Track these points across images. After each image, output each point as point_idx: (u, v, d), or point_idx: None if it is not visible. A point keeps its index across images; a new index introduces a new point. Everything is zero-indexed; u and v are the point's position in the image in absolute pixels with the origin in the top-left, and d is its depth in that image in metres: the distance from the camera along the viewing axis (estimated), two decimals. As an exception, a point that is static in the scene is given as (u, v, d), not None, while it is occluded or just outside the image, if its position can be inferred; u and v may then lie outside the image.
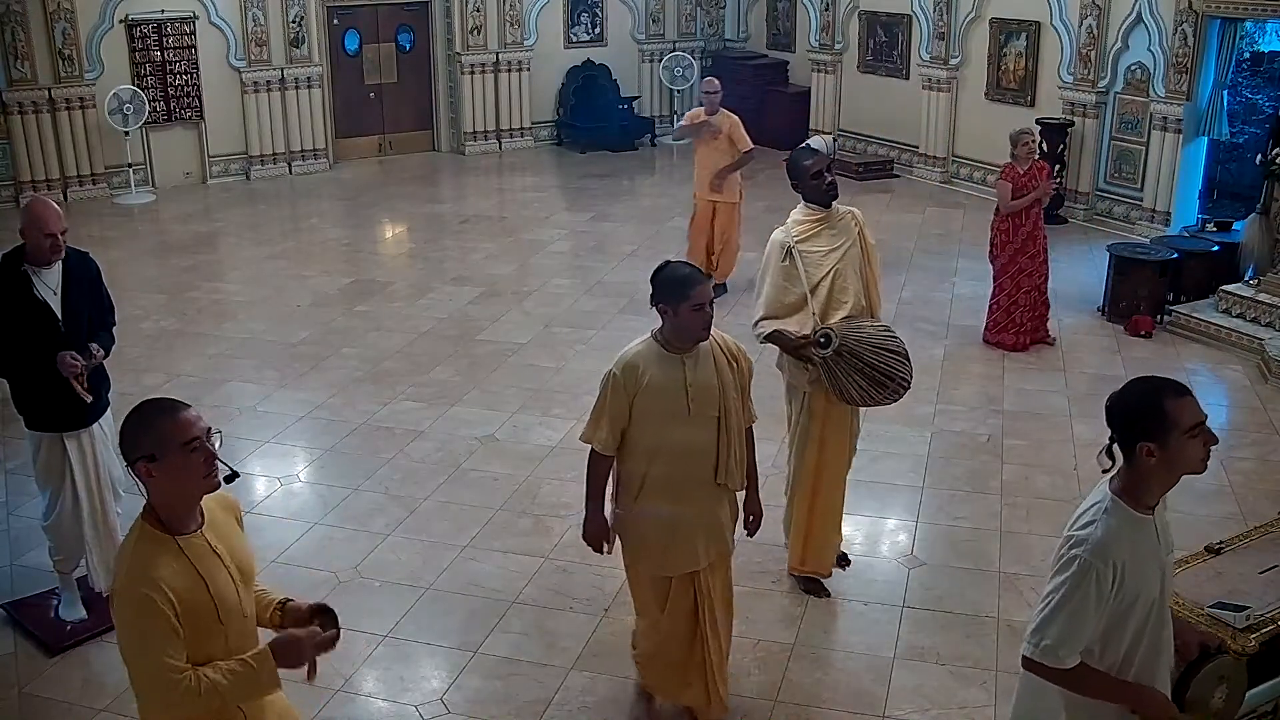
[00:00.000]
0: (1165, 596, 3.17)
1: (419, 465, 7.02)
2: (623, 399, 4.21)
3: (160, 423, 2.89)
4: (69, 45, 12.94)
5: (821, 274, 5.24)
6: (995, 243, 8.84)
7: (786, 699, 4.93)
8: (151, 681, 2.85)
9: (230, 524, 3.14)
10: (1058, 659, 3.05)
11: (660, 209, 13.29)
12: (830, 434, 5.45)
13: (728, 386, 4.28)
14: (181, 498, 2.94)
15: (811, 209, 5.36)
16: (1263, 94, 11.86)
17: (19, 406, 5.26)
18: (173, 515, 2.94)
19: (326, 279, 10.69)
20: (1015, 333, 8.81)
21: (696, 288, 4.13)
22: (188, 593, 2.86)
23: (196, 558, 2.92)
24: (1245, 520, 5.99)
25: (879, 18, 14.74)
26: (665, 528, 4.31)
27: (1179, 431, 2.98)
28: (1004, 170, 8.77)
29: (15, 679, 5.05)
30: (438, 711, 4.86)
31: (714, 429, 4.27)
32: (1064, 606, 3.03)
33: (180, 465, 2.87)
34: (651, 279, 4.25)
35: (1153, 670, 3.16)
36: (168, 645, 2.81)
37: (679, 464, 4.25)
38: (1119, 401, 3.10)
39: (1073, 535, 3.08)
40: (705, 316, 4.16)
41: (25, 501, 6.41)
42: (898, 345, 5.13)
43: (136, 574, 2.85)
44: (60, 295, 5.07)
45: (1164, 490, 3.11)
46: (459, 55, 15.44)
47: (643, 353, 4.26)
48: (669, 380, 4.21)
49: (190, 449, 2.88)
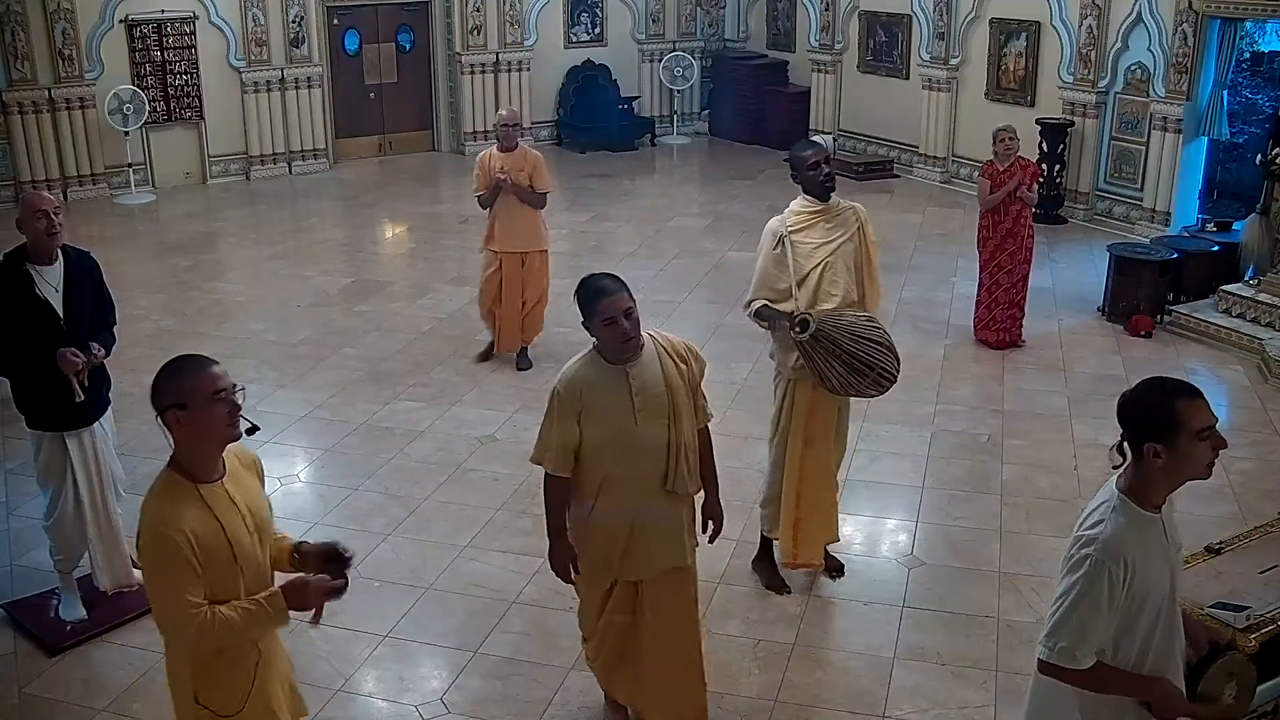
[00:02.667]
0: (1175, 594, 3.17)
1: (419, 465, 7.02)
2: (570, 416, 4.11)
3: (192, 374, 3.16)
4: (69, 45, 12.95)
5: (811, 265, 5.27)
6: (979, 239, 8.86)
7: (786, 699, 4.93)
8: (171, 616, 3.12)
9: (249, 477, 3.38)
10: (1074, 660, 3.04)
11: (660, 209, 13.30)
12: (816, 425, 5.47)
13: (676, 391, 4.18)
14: (206, 446, 3.18)
15: (809, 201, 5.39)
16: (1263, 94, 11.87)
17: (20, 406, 5.26)
18: (196, 464, 3.18)
19: (326, 279, 10.69)
20: (996, 330, 8.83)
21: (604, 300, 4.04)
22: (207, 537, 3.11)
23: (216, 505, 3.17)
24: (1245, 520, 5.99)
25: (879, 18, 14.74)
26: (619, 535, 4.23)
27: (1187, 434, 2.97)
28: (984, 167, 8.78)
29: (15, 679, 5.05)
30: (438, 711, 4.86)
31: (664, 435, 4.16)
32: (1077, 607, 3.01)
33: (207, 414, 3.12)
34: (574, 295, 4.17)
35: (1165, 667, 3.16)
36: (187, 583, 3.06)
37: (631, 474, 4.15)
38: (1130, 400, 3.09)
39: (1082, 535, 3.07)
40: (619, 329, 4.04)
41: (25, 501, 6.41)
42: (880, 336, 5.13)
43: (161, 517, 3.09)
44: (62, 294, 5.08)
45: (1168, 491, 3.11)
46: (459, 55, 15.44)
47: (584, 367, 4.17)
48: (613, 392, 4.11)
49: (217, 399, 3.13)
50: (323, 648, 5.22)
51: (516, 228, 8.15)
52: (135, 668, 5.07)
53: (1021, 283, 8.77)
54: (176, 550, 3.04)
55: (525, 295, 8.31)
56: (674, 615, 4.42)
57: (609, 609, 4.42)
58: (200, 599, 3.08)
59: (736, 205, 13.06)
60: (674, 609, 4.41)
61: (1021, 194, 8.51)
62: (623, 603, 4.39)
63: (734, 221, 12.22)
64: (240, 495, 3.25)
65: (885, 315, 9.38)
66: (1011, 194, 8.49)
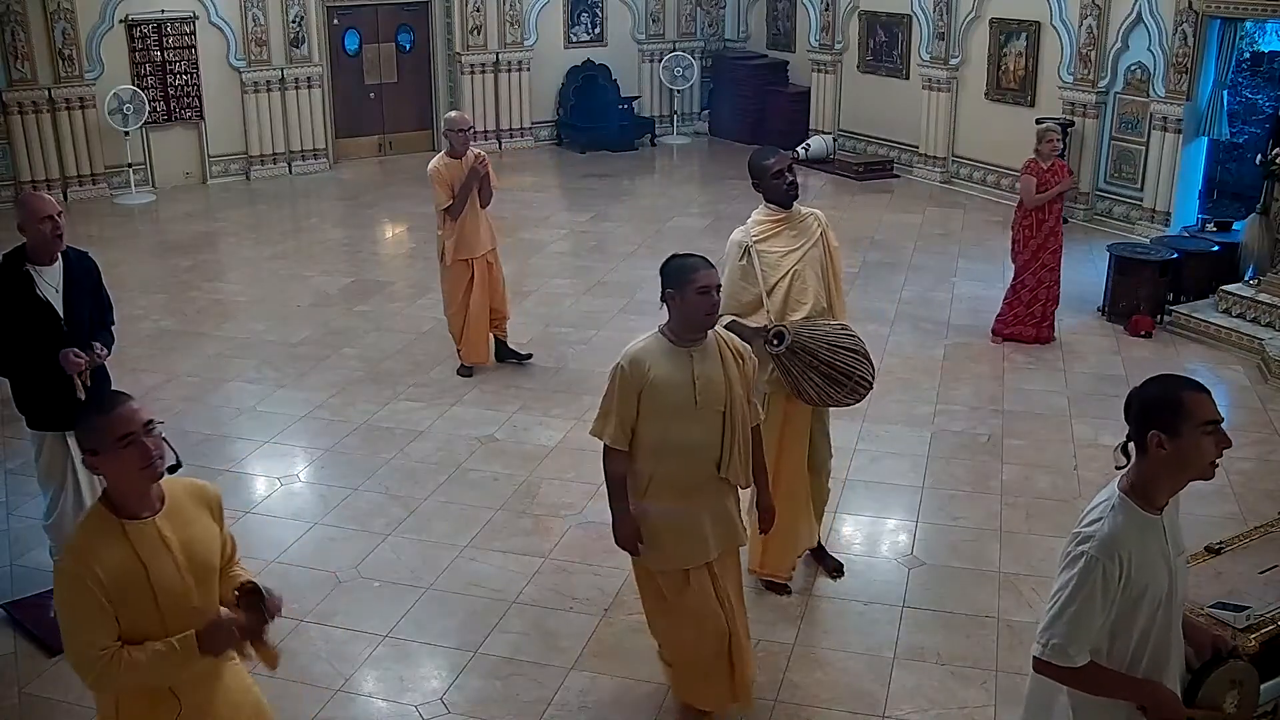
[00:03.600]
0: (1175, 598, 3.16)
1: (419, 465, 7.02)
2: (631, 392, 4.23)
3: (97, 420, 3.07)
4: (69, 45, 12.95)
5: (779, 275, 5.25)
6: (1018, 239, 8.88)
7: (786, 699, 4.93)
8: (75, 654, 3.04)
9: (197, 513, 3.23)
10: (1068, 658, 3.04)
11: (660, 209, 13.30)
12: (790, 438, 5.42)
13: (734, 382, 4.31)
14: (125, 487, 3.09)
15: (772, 209, 5.36)
16: (1263, 94, 11.87)
17: (20, 406, 5.26)
18: (122, 501, 3.10)
19: (326, 279, 10.69)
20: (1035, 325, 8.90)
21: (700, 271, 4.19)
22: (124, 576, 3.01)
23: (140, 544, 3.06)
24: (1245, 520, 5.99)
25: (879, 18, 14.74)
26: (674, 521, 4.34)
27: (1192, 424, 2.98)
28: (1027, 165, 8.80)
29: (15, 679, 5.05)
30: (438, 711, 4.86)
31: (719, 423, 4.29)
32: (1071, 604, 3.02)
33: (117, 459, 3.04)
34: (661, 270, 4.29)
35: (1160, 671, 3.15)
36: (94, 625, 2.98)
37: (686, 458, 4.28)
38: (1138, 394, 3.12)
39: (1080, 531, 3.08)
40: (711, 301, 4.20)
41: (25, 501, 6.41)
42: (856, 344, 5.12)
43: (75, 553, 3.04)
44: (62, 294, 5.08)
45: (1173, 490, 3.11)
46: (459, 55, 15.44)
47: (650, 347, 4.29)
48: (676, 374, 4.23)
49: (125, 444, 3.02)
50: (323, 648, 5.23)
51: (481, 228, 8.09)
52: (135, 668, 5.07)
53: (1059, 278, 8.91)
54: (85, 591, 2.96)
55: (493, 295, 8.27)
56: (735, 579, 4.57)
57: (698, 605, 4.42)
58: (107, 639, 2.98)
59: (736, 205, 13.01)
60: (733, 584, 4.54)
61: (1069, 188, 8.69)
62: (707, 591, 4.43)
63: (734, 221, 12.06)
64: (175, 534, 3.12)
65: (885, 315, 9.47)
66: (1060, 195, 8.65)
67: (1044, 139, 8.74)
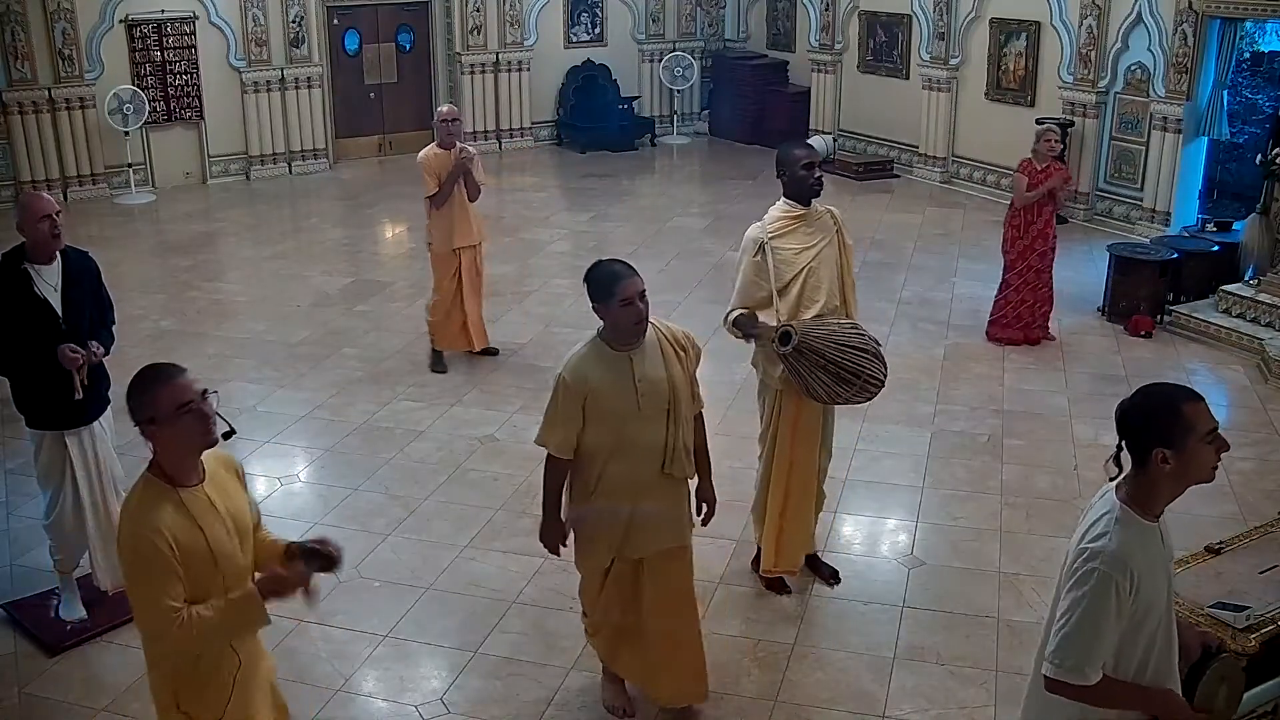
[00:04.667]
0: (1171, 601, 3.15)
1: (419, 465, 7.02)
2: (574, 402, 4.24)
3: (156, 389, 3.16)
4: (69, 45, 12.95)
5: (794, 272, 5.24)
6: (1007, 238, 8.87)
7: (786, 699, 4.93)
8: (151, 617, 3.12)
9: (230, 480, 3.39)
10: (1083, 676, 2.98)
11: (660, 209, 13.30)
12: (802, 435, 5.44)
13: (676, 378, 4.33)
14: (181, 455, 3.20)
15: (790, 205, 5.34)
16: (1263, 94, 11.87)
17: (19, 405, 5.26)
18: (175, 470, 3.20)
19: (326, 279, 10.69)
20: (1023, 328, 8.86)
21: (622, 282, 4.18)
22: (186, 539, 3.12)
23: (195, 509, 3.18)
24: (1245, 520, 5.99)
25: (879, 18, 14.74)
26: (621, 516, 4.38)
27: (1195, 437, 2.94)
28: (1021, 164, 8.79)
29: (15, 679, 5.05)
30: (438, 711, 4.86)
31: (663, 421, 4.32)
32: (1084, 622, 2.96)
33: (177, 427, 3.14)
34: (584, 279, 4.30)
35: (1165, 676, 3.13)
36: (167, 585, 3.07)
37: (631, 459, 4.31)
38: (1133, 408, 3.05)
39: (1086, 548, 3.00)
40: (635, 311, 4.19)
41: (25, 501, 6.41)
42: (865, 343, 5.10)
43: (141, 520, 3.11)
44: (60, 293, 5.08)
45: (1173, 498, 3.07)
46: (459, 55, 15.45)
47: (589, 354, 4.30)
48: (617, 380, 4.25)
49: (184, 412, 3.13)
50: (323, 648, 5.23)
51: (470, 219, 8.23)
52: (135, 668, 5.04)
53: (1050, 280, 8.87)
54: (156, 552, 3.05)
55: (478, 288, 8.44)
56: (673, 592, 4.57)
57: (609, 583, 4.56)
58: (180, 601, 3.08)
59: (736, 205, 13.04)
60: (673, 586, 4.57)
61: (1059, 193, 8.62)
62: (623, 578, 4.55)
63: (734, 221, 12.19)
64: (220, 499, 3.26)
65: (885, 315, 9.46)
66: (1049, 193, 8.58)
67: (1041, 138, 8.72)
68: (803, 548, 5.65)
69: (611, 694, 4.86)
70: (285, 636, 5.09)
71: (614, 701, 4.85)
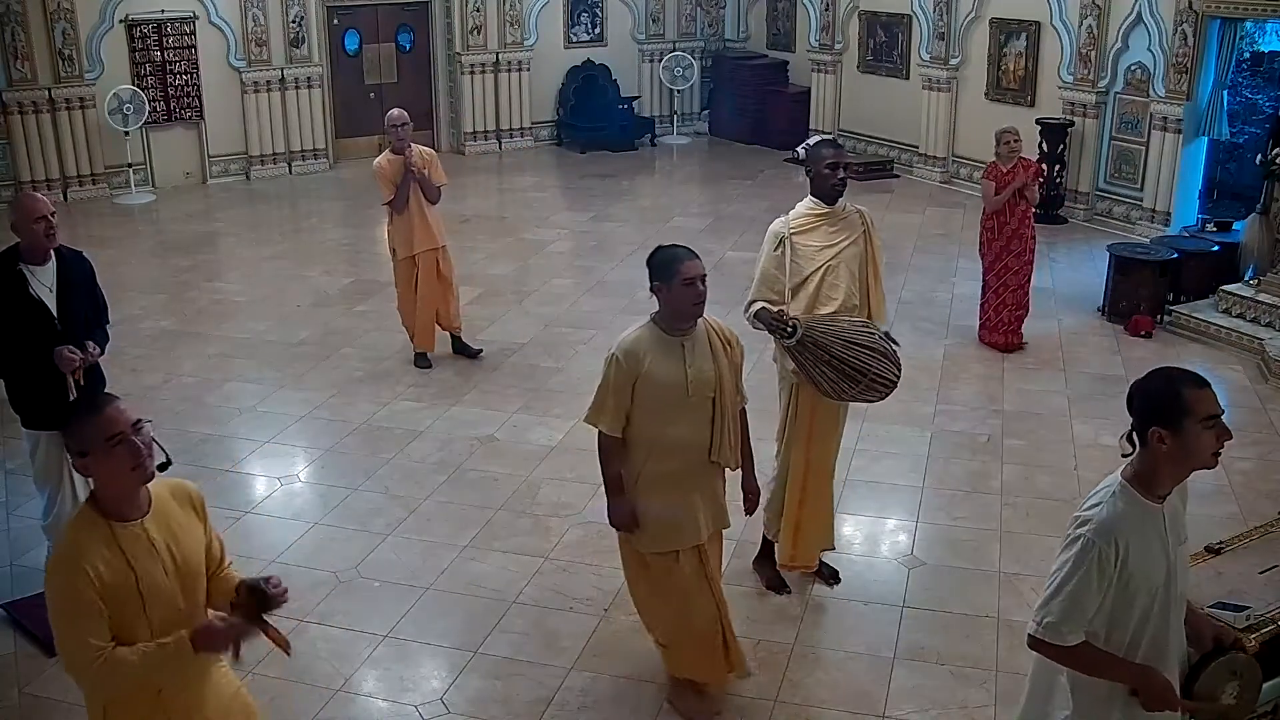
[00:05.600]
0: (1174, 589, 3.18)
1: (419, 465, 7.02)
2: (625, 383, 4.35)
3: (86, 419, 3.05)
4: (69, 45, 12.95)
5: (813, 268, 5.27)
6: (982, 241, 8.85)
7: (786, 699, 4.93)
8: (71, 654, 3.02)
9: (184, 515, 3.22)
10: (1060, 636, 3.10)
11: (660, 209, 13.30)
12: (819, 429, 5.48)
13: (723, 369, 4.44)
14: (117, 488, 3.07)
15: (815, 203, 5.36)
16: (1263, 94, 11.87)
17: (15, 406, 5.27)
18: (113, 504, 3.08)
19: (326, 279, 10.69)
20: (1004, 333, 8.81)
21: (685, 263, 4.29)
22: (113, 578, 3.00)
23: (130, 546, 3.05)
24: (1245, 520, 5.98)
25: (879, 18, 14.74)
26: (668, 506, 4.45)
27: (1193, 419, 3.01)
28: (987, 169, 8.76)
29: (15, 679, 5.05)
30: (438, 711, 4.86)
31: (710, 411, 4.42)
32: (1067, 584, 3.08)
33: (109, 459, 3.02)
34: (647, 263, 4.41)
35: (1159, 660, 3.18)
36: (89, 623, 2.97)
37: (678, 446, 4.40)
38: (1139, 387, 3.15)
39: (1079, 515, 3.14)
40: (697, 291, 4.29)
41: (25, 501, 6.41)
42: (874, 342, 5.10)
43: (66, 554, 3.02)
44: (55, 294, 5.08)
45: (1175, 481, 3.15)
46: (459, 55, 15.44)
47: (643, 336, 4.40)
48: (669, 363, 4.35)
49: (115, 443, 3.01)
50: (323, 648, 5.23)
51: (429, 225, 8.22)
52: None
53: (1027, 283, 8.77)
54: (78, 591, 2.94)
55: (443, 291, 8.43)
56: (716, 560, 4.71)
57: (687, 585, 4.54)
58: (103, 640, 2.97)
59: (736, 205, 13.06)
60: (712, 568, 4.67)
61: (1027, 192, 8.49)
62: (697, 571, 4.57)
63: (734, 221, 12.23)
64: (162, 535, 3.12)
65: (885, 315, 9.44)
66: (1017, 193, 8.47)
67: (1000, 140, 8.58)
68: (819, 543, 5.68)
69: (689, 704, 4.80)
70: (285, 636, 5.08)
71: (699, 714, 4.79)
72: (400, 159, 8.02)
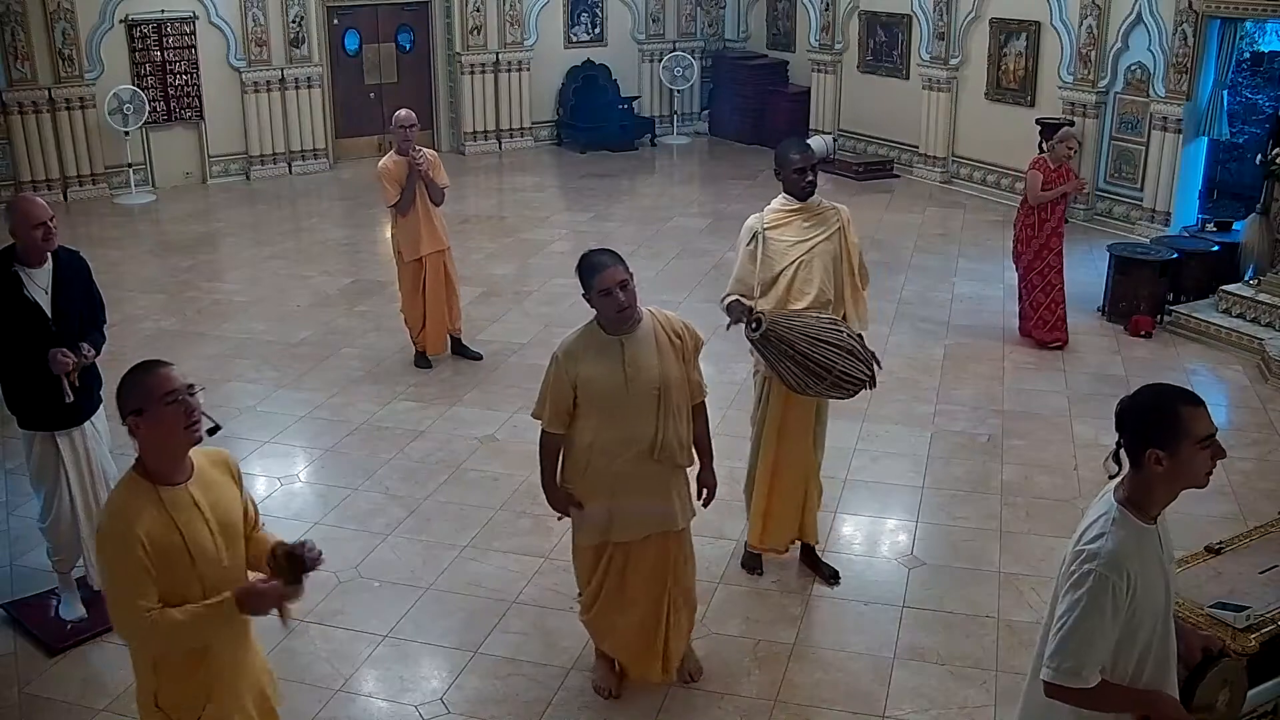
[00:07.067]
0: (1169, 604, 3.13)
1: (419, 465, 7.02)
2: (565, 383, 4.42)
3: (143, 379, 3.18)
4: (69, 45, 12.95)
5: (786, 263, 5.31)
6: (1020, 238, 8.86)
7: (786, 699, 4.93)
8: (123, 617, 3.15)
9: (222, 479, 3.37)
10: (1080, 679, 2.97)
11: (660, 209, 13.30)
12: (791, 425, 5.52)
13: (668, 364, 4.44)
14: (166, 449, 3.20)
15: (789, 200, 5.43)
16: (1263, 94, 11.87)
17: (11, 406, 5.26)
18: (159, 466, 3.20)
19: (326, 279, 10.69)
20: (1050, 329, 8.84)
21: (601, 273, 4.33)
22: (163, 540, 3.11)
23: (175, 508, 3.17)
24: (1245, 520, 5.98)
25: (879, 18, 14.74)
26: (608, 498, 4.50)
27: (1190, 440, 2.92)
28: (1034, 161, 8.79)
29: (15, 679, 5.05)
30: (438, 711, 4.86)
31: (654, 408, 4.42)
32: (1081, 624, 2.94)
33: (161, 417, 3.14)
34: (576, 269, 4.48)
35: (1162, 678, 3.12)
36: (139, 585, 3.08)
37: (620, 441, 4.43)
38: (1131, 406, 3.03)
39: (1083, 550, 2.99)
40: (615, 300, 4.32)
41: (25, 501, 6.40)
42: (841, 339, 5.06)
43: (116, 518, 3.13)
44: (50, 295, 5.06)
45: (1167, 501, 3.05)
46: (459, 55, 15.44)
47: (582, 336, 4.49)
48: (606, 364, 4.40)
49: (168, 402, 3.14)
50: (323, 648, 5.23)
51: (435, 226, 8.22)
52: (135, 668, 5.07)
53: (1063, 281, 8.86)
54: (128, 553, 3.06)
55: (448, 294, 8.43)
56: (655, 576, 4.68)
57: (602, 563, 4.68)
58: (152, 602, 3.08)
59: (736, 205, 13.03)
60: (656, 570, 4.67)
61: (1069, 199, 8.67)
62: (616, 563, 4.66)
63: (734, 221, 12.12)
64: (205, 498, 3.24)
65: (885, 315, 9.45)
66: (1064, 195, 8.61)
67: (1064, 139, 8.67)
68: (790, 530, 5.71)
69: (600, 674, 4.95)
70: (286, 636, 5.08)
71: (602, 682, 4.93)
72: (405, 160, 8.00)
